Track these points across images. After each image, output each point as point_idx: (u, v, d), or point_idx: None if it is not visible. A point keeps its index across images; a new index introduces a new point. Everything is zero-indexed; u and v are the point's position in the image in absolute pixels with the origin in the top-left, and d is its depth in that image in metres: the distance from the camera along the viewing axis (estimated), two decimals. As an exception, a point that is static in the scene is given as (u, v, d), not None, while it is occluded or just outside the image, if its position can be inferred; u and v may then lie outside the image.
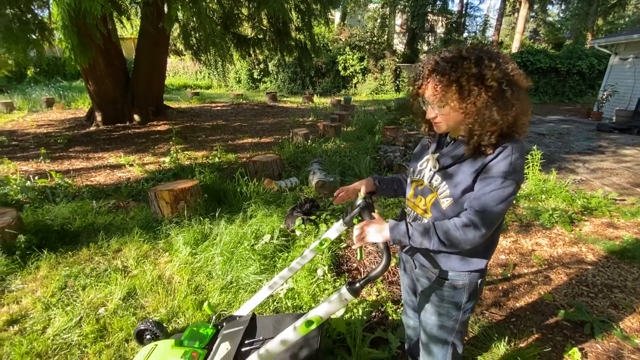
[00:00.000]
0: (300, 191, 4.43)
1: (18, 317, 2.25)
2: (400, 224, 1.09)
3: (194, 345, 1.66)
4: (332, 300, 1.10)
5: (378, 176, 1.44)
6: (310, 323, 1.13)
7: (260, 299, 1.76)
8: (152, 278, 2.64)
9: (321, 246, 1.61)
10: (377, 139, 7.17)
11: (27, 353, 1.93)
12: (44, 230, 3.21)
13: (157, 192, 3.49)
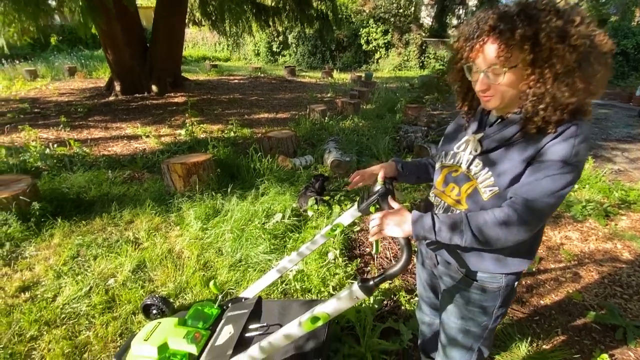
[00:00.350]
0: (315, 170, 4.29)
1: (30, 283, 2.28)
2: (425, 216, 0.93)
3: (197, 325, 1.60)
4: (342, 297, 0.98)
5: (401, 160, 1.27)
6: (316, 319, 1.02)
7: (267, 282, 1.67)
8: (162, 251, 2.62)
9: (333, 232, 1.48)
10: (397, 118, 6.85)
11: (35, 321, 1.95)
12: (59, 198, 3.23)
13: (170, 165, 3.43)
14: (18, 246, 2.63)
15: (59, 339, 1.86)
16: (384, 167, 1.20)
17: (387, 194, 1.08)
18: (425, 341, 1.52)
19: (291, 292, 2.20)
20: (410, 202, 3.36)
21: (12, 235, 2.68)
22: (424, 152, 4.72)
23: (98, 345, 1.84)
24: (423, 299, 1.43)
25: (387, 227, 0.94)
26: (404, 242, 0.92)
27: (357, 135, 5.61)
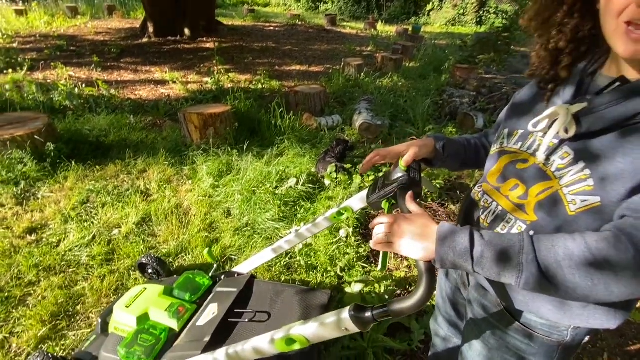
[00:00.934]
0: (341, 132, 3.92)
1: (38, 226, 2.26)
2: (460, 232, 0.59)
3: (184, 297, 1.46)
4: (327, 323, 0.71)
5: (443, 136, 0.90)
6: (292, 342, 0.77)
7: (261, 261, 1.47)
8: (170, 206, 2.50)
9: (339, 216, 1.19)
10: (443, 79, 6.09)
11: (36, 265, 1.93)
12: (78, 140, 3.18)
13: (187, 115, 3.22)
14: (32, 186, 2.63)
15: (55, 287, 1.82)
16: (415, 147, 0.83)
17: (410, 187, 0.75)
18: (438, 356, 1.26)
19: (295, 266, 2.00)
20: (438, 199, 2.85)
21: (28, 174, 2.67)
22: (468, 122, 4.14)
23: (92, 299, 1.78)
24: (440, 311, 1.14)
25: (399, 241, 0.63)
26: (423, 267, 0.61)
27: (394, 96, 5.05)
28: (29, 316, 1.64)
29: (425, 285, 0.59)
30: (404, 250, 0.62)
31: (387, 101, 4.77)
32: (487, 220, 0.74)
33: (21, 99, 4.09)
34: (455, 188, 2.92)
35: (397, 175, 0.78)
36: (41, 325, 1.61)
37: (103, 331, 1.47)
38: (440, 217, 2.46)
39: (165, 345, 1.27)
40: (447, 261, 0.59)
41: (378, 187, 0.83)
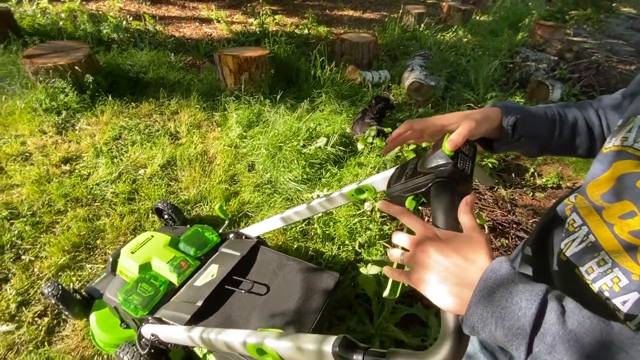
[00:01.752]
0: (387, 90, 3.52)
1: (73, 156, 2.33)
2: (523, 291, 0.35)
3: (189, 252, 1.40)
4: (305, 349, 0.54)
5: (517, 106, 0.59)
6: (262, 352, 0.62)
7: (269, 228, 1.34)
8: (196, 152, 2.44)
9: (358, 195, 0.99)
10: (519, 38, 5.19)
11: (65, 195, 1.99)
12: (117, 74, 3.17)
13: (222, 57, 3.04)
14: (72, 117, 2.69)
15: (80, 219, 1.87)
16: (471, 121, 0.54)
17: (454, 183, 0.51)
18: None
19: (311, 234, 1.87)
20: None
21: (69, 104, 2.72)
22: (541, 92, 3.50)
23: (111, 235, 1.82)
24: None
25: (423, 275, 0.41)
26: (450, 321, 0.39)
27: (455, 54, 4.39)
28: (53, 244, 1.71)
29: (448, 348, 0.38)
30: (426, 291, 0.40)
31: (446, 59, 4.17)
32: (566, 251, 0.49)
33: (73, 29, 4.14)
34: (510, 169, 2.52)
35: (437, 162, 0.52)
36: (63, 254, 1.68)
37: (112, 271, 1.48)
38: (487, 203, 2.13)
39: (163, 299, 1.23)
40: (481, 330, 0.36)
41: (406, 173, 0.59)
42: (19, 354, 1.33)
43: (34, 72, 2.73)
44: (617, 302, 0.42)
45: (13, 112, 2.61)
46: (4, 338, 1.36)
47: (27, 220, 1.83)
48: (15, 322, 1.42)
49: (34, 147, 2.36)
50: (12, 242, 1.72)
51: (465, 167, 0.52)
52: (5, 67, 3.08)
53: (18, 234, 1.76)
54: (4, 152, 2.28)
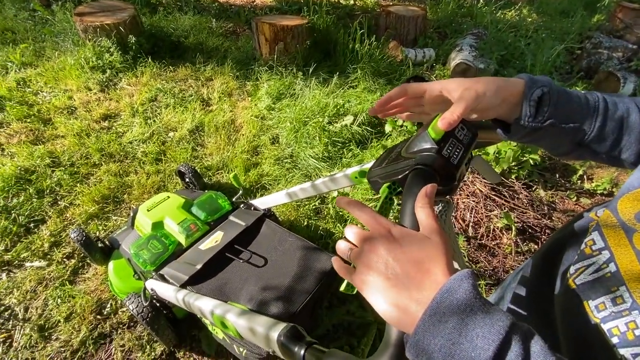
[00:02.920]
0: (430, 70, 3.27)
1: (112, 114, 2.46)
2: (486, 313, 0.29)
3: (200, 216, 1.44)
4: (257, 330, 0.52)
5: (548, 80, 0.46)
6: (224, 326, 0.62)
7: (274, 202, 1.33)
8: (223, 120, 2.46)
9: (362, 177, 0.93)
10: (594, 20, 4.54)
11: (100, 150, 2.12)
12: (159, 37, 3.25)
13: (259, 24, 2.98)
14: (115, 76, 2.82)
15: (112, 173, 2.00)
16: (474, 96, 0.44)
17: (434, 173, 0.43)
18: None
19: (324, 213, 1.84)
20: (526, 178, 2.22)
21: (114, 64, 2.85)
22: (610, 84, 3.06)
23: (137, 192, 1.92)
24: None
25: (366, 276, 0.35)
26: (394, 334, 0.34)
27: (514, 35, 3.95)
28: (86, 193, 1.85)
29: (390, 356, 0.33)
30: (369, 297, 0.35)
31: (503, 40, 3.76)
32: (576, 277, 0.41)
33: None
34: (556, 169, 2.27)
35: (421, 146, 0.45)
36: (93, 204, 1.81)
37: (132, 225, 1.57)
38: (520, 203, 1.94)
39: (170, 257, 1.28)
40: (426, 355, 0.29)
41: (389, 157, 0.52)
42: (46, 288, 1.48)
43: (83, 30, 2.87)
44: (627, 353, 0.34)
45: (64, 68, 2.79)
46: (36, 272, 1.52)
47: (66, 169, 1.99)
48: (47, 260, 1.58)
49: (79, 102, 2.53)
50: (52, 188, 1.89)
51: (453, 155, 0.44)
52: (61, 24, 3.28)
53: (57, 181, 1.92)
54: (53, 104, 2.47)
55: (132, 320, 1.41)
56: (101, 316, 1.41)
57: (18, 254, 1.58)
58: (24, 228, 1.69)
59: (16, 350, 1.30)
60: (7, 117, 2.30)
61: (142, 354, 1.31)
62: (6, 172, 1.88)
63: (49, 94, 2.58)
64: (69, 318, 1.38)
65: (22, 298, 1.44)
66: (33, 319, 1.38)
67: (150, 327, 1.19)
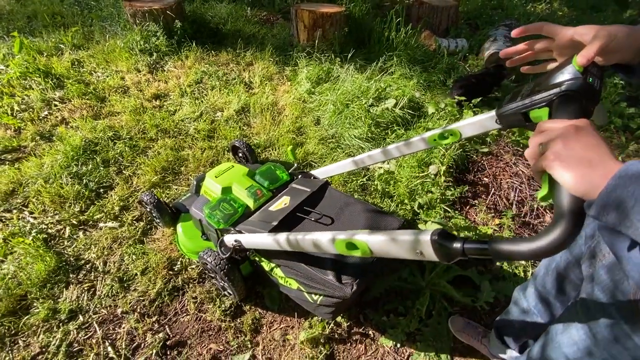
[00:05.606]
0: (463, 60, 3.31)
1: (162, 94, 2.59)
2: None
3: (263, 184, 1.54)
4: (399, 240, 0.61)
5: None
6: (353, 247, 0.71)
7: (340, 170, 1.42)
8: (267, 102, 2.57)
9: (441, 140, 1.01)
10: (627, 15, 4.47)
11: (156, 126, 2.25)
12: (200, 23, 3.37)
13: (299, 11, 3.06)
14: (162, 58, 2.95)
15: (168, 147, 2.12)
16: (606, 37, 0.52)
17: (582, 99, 0.51)
18: (508, 323, 1.11)
19: (370, 189, 1.93)
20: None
21: (159, 47, 2.98)
22: None
23: (192, 165, 2.04)
24: (537, 282, 0.94)
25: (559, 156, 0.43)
26: (566, 203, 0.43)
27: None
28: (147, 164, 1.98)
29: (562, 230, 0.42)
30: (556, 171, 0.43)
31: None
32: None
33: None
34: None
35: (564, 77, 0.52)
36: (154, 173, 1.94)
37: (196, 192, 1.69)
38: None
39: (240, 218, 1.38)
40: (613, 210, 0.38)
41: (521, 94, 0.60)
42: (121, 246, 1.61)
43: (132, 14, 3.01)
44: None
45: (114, 50, 2.93)
46: (111, 232, 1.65)
47: (126, 142, 2.12)
48: (118, 222, 1.71)
49: (130, 82, 2.66)
50: (116, 158, 2.02)
51: (594, 83, 0.52)
52: (107, 9, 3.42)
53: (119, 153, 2.05)
54: (107, 84, 2.61)
55: (201, 276, 1.53)
56: (173, 272, 1.53)
57: (92, 215, 1.72)
58: (94, 193, 1.83)
59: (100, 298, 1.43)
60: (67, 94, 2.45)
61: (213, 306, 1.43)
62: (75, 142, 2.02)
63: (102, 74, 2.72)
64: (144, 272, 1.51)
65: (100, 254, 1.57)
66: (112, 271, 1.51)
67: (227, 277, 1.30)
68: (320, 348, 1.32)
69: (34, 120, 2.22)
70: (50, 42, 2.95)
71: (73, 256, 1.55)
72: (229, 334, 1.36)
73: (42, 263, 1.46)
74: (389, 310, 1.47)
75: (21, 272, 1.45)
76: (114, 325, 1.36)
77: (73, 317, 1.36)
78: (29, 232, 1.59)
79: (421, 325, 1.41)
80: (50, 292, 1.42)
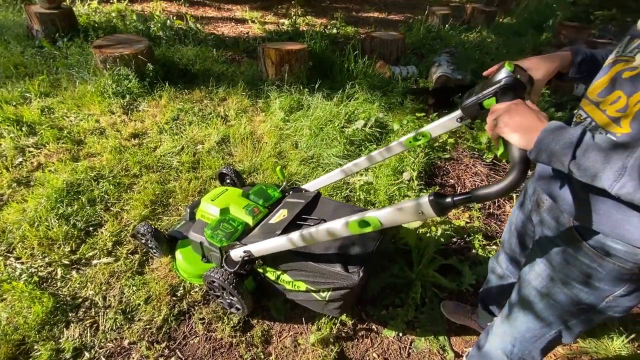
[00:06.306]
0: (415, 83, 3.73)
1: (139, 132, 2.65)
2: (573, 128, 0.59)
3: (258, 202, 1.64)
4: (404, 208, 0.78)
5: (585, 51, 0.84)
6: (365, 224, 0.86)
7: (329, 180, 1.58)
8: (245, 132, 2.71)
9: (415, 141, 1.22)
10: (543, 38, 5.32)
11: (139, 162, 2.29)
12: (170, 65, 3.51)
13: (265, 49, 3.33)
14: (135, 100, 3.02)
15: (153, 181, 2.17)
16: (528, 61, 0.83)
17: (515, 88, 0.73)
18: (489, 292, 1.29)
19: (354, 200, 2.10)
20: None
21: (132, 89, 3.06)
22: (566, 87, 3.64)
23: (180, 195, 2.10)
24: (504, 246, 1.14)
25: (506, 123, 0.65)
26: (517, 155, 0.63)
27: (479, 52, 4.58)
28: (135, 199, 2.01)
29: (516, 173, 0.61)
30: (506, 132, 0.65)
31: (471, 57, 4.36)
32: None
33: (124, 26, 4.54)
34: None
35: (502, 76, 0.75)
36: (143, 207, 1.97)
37: (190, 219, 1.76)
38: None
39: (241, 235, 1.48)
40: (546, 151, 0.59)
41: (475, 92, 0.81)
42: (119, 279, 1.61)
43: (102, 60, 3.09)
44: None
45: (85, 95, 2.96)
46: (107, 267, 1.65)
47: (110, 180, 2.14)
48: (113, 257, 1.71)
49: (106, 123, 2.70)
50: (101, 197, 2.03)
51: (522, 79, 0.74)
52: (74, 57, 3.47)
53: (104, 191, 2.06)
54: (82, 127, 2.62)
55: (206, 298, 1.57)
56: (176, 297, 1.55)
57: (84, 253, 1.70)
58: (84, 232, 1.82)
59: (104, 332, 1.41)
60: (41, 139, 2.43)
61: (222, 324, 1.47)
62: (57, 184, 2.00)
63: (75, 118, 2.73)
64: (147, 301, 1.52)
65: (98, 290, 1.56)
66: (113, 305, 1.51)
67: (236, 290, 1.37)
68: (330, 347, 1.40)
69: (9, 167, 2.17)
70: (16, 91, 2.92)
71: (69, 295, 1.53)
72: (241, 349, 1.40)
73: (38, 305, 1.42)
74: (387, 304, 1.59)
75: (17, 317, 1.40)
76: (122, 357, 1.34)
77: (78, 354, 1.33)
78: (19, 276, 1.54)
79: (417, 313, 1.55)
80: (50, 334, 1.38)
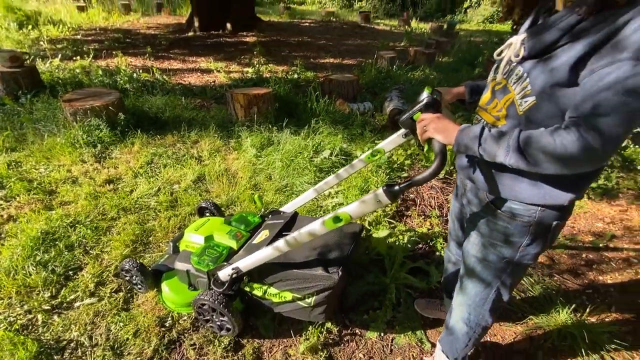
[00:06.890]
0: (372, 117, 4.15)
1: (114, 178, 2.70)
2: (474, 126, 0.87)
3: (240, 227, 1.77)
4: (366, 200, 0.98)
5: (472, 83, 1.15)
6: (338, 220, 1.05)
7: (304, 200, 1.76)
8: (220, 169, 2.86)
9: (373, 157, 1.46)
10: (476, 72, 6.14)
11: (115, 206, 2.34)
12: (140, 114, 3.65)
13: (234, 95, 3.60)
14: (107, 148, 3.10)
15: (132, 222, 2.22)
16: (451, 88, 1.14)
17: (433, 105, 1.00)
18: (449, 280, 1.49)
19: (328, 220, 2.28)
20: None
21: (103, 139, 3.14)
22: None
23: (160, 233, 2.16)
24: (452, 235, 1.37)
25: (432, 128, 0.91)
26: (438, 148, 0.87)
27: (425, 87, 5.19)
28: (115, 239, 2.04)
29: (437, 161, 0.85)
30: (433, 133, 0.91)
31: (418, 92, 4.90)
32: None
33: (89, 81, 4.67)
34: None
35: (424, 97, 1.02)
36: (124, 246, 2.01)
37: (174, 252, 1.83)
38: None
39: (227, 258, 1.59)
40: (462, 144, 0.85)
41: (406, 110, 1.08)
42: (104, 318, 1.62)
43: (72, 113, 3.17)
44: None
45: (54, 147, 2.99)
46: (90, 307, 1.65)
47: (87, 225, 2.16)
48: (96, 297, 1.72)
49: (78, 172, 2.73)
50: (79, 241, 2.04)
51: (437, 98, 1.02)
52: (40, 112, 3.51)
53: (82, 235, 2.08)
54: (53, 177, 2.63)
55: (195, 325, 1.61)
56: (165, 328, 1.59)
57: (65, 297, 1.70)
58: (63, 277, 1.81)
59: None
60: (10, 192, 2.41)
61: (213, 347, 1.52)
62: (32, 233, 2.00)
63: (45, 170, 2.74)
64: (136, 334, 1.54)
65: (83, 330, 1.56)
66: (101, 343, 1.51)
67: (227, 310, 1.45)
68: (319, 354, 1.50)
69: (-23, 222, 2.13)
70: (-21, 150, 2.89)
71: (52, 339, 1.51)
72: (234, 368, 1.45)
73: (22, 350, 1.40)
74: (367, 309, 1.73)
75: (-2, 366, 1.36)
76: (114, 392, 1.34)
77: (68, 395, 1.31)
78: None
79: (395, 313, 1.70)
80: (35, 379, 1.35)
